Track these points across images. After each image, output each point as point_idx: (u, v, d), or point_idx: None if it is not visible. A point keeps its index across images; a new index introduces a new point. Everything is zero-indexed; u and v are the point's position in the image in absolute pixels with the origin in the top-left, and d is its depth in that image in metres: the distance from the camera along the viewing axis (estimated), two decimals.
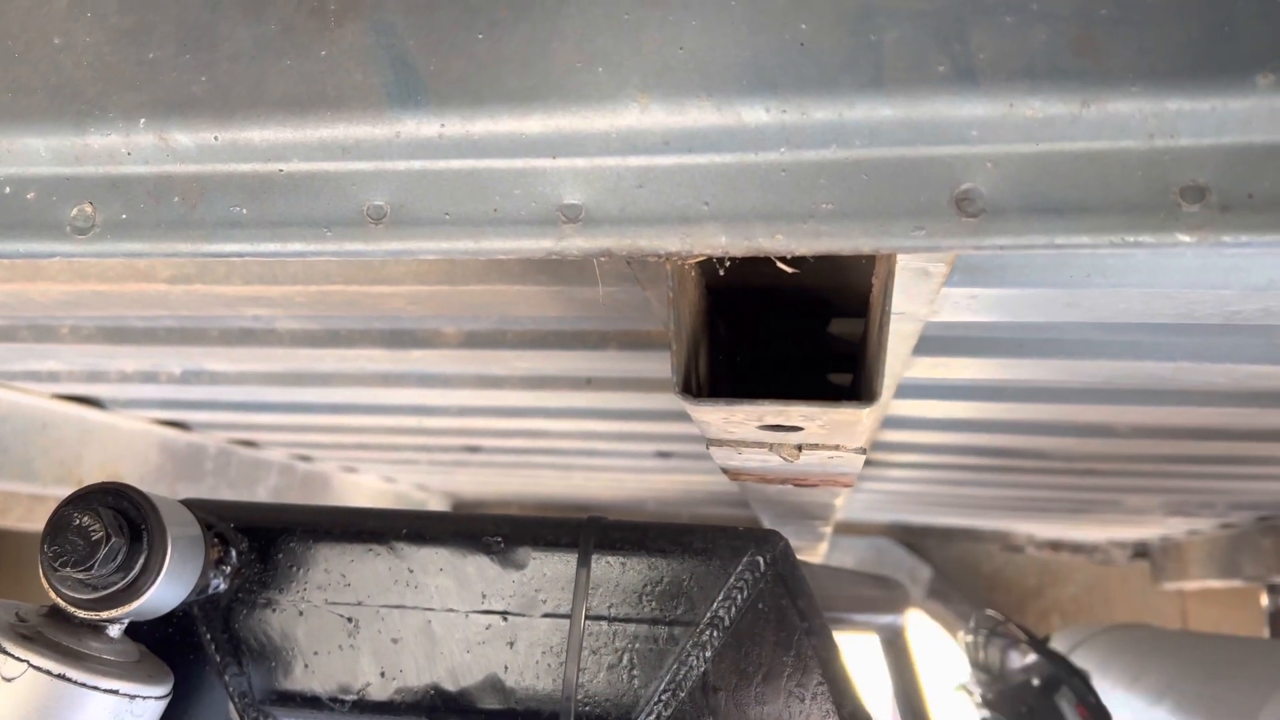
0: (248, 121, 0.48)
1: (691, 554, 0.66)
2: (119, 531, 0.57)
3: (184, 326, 0.96)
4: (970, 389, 1.00)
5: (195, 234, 0.49)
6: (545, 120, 0.45)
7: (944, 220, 0.43)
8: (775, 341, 0.74)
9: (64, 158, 0.50)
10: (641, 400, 1.15)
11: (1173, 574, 2.65)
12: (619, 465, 1.82)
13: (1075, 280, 0.61)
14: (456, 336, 0.92)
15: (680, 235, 0.45)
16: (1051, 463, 1.40)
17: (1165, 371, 0.83)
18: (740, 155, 0.44)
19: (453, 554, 0.67)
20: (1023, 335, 0.80)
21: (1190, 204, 0.41)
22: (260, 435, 1.74)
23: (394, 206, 0.47)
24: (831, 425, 0.51)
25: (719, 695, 0.63)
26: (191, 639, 0.68)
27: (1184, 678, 1.47)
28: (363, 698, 0.66)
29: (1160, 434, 1.14)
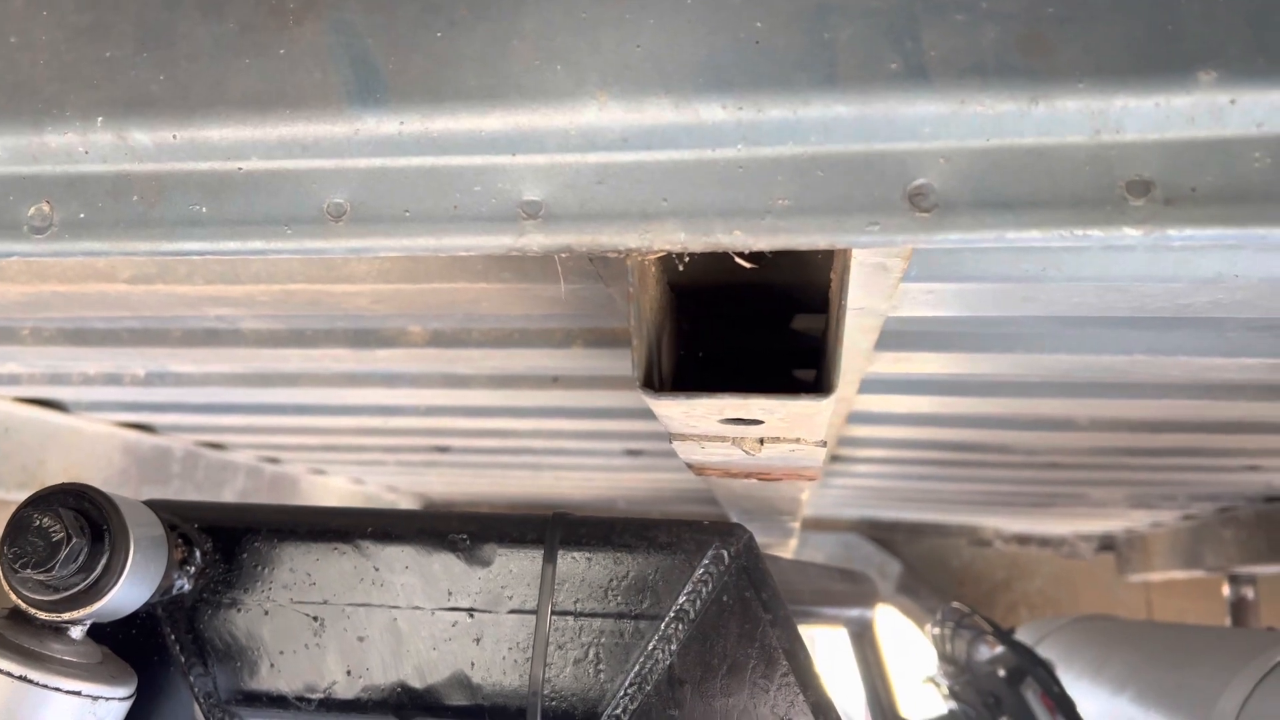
0: (207, 120, 0.48)
1: (656, 548, 0.66)
2: (80, 532, 0.56)
3: (147, 327, 0.95)
4: (933, 383, 1.02)
5: (154, 233, 0.49)
6: (505, 117, 0.45)
7: (897, 215, 0.44)
8: (739, 338, 0.74)
9: (21, 156, 0.50)
10: (609, 398, 1.16)
11: (1137, 566, 2.70)
12: (588, 464, 1.82)
13: (1030, 274, 0.62)
14: (422, 335, 0.92)
15: (640, 231, 0.45)
16: (1015, 456, 1.42)
17: (1122, 364, 0.84)
18: (698, 152, 0.45)
19: (418, 552, 0.68)
20: (982, 330, 0.81)
21: (1136, 198, 0.42)
22: (227, 437, 1.72)
23: (354, 204, 0.48)
24: (791, 418, 0.51)
25: (685, 688, 0.64)
26: (156, 640, 0.67)
27: (1147, 667, 1.49)
28: (329, 696, 0.66)
29: (1119, 427, 1.16)
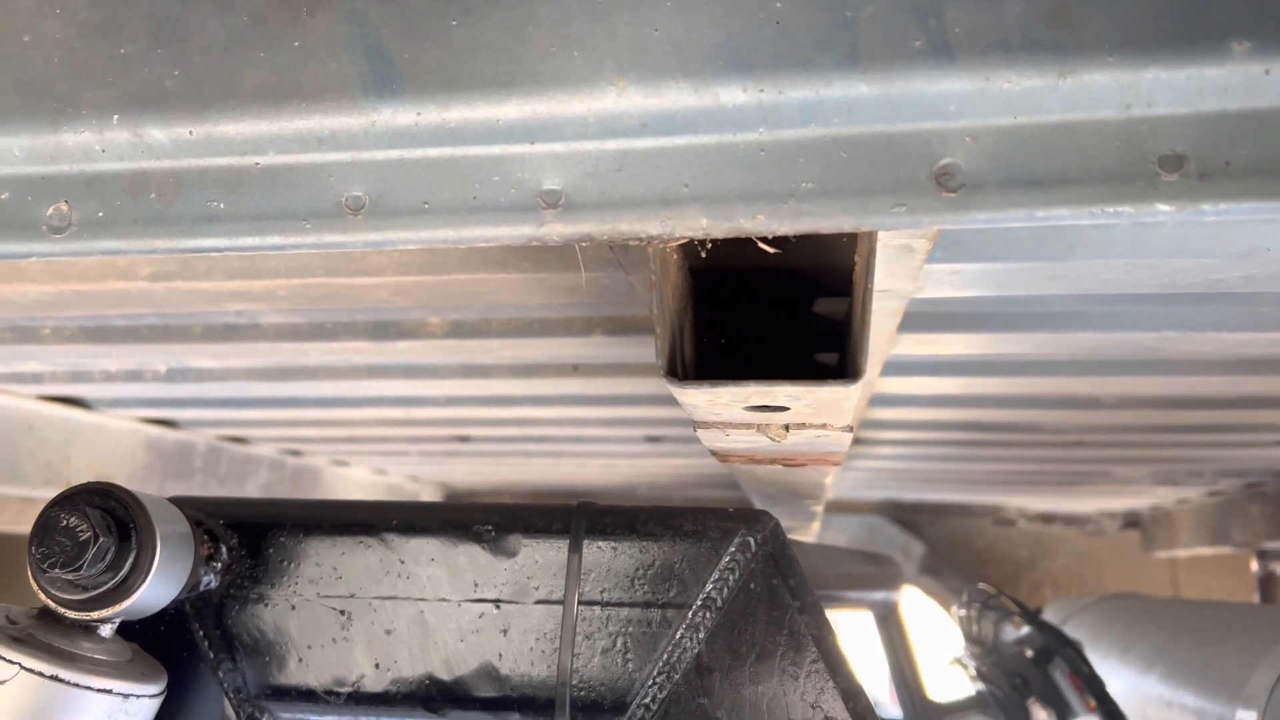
0: (222, 115, 0.47)
1: (682, 536, 0.66)
2: (107, 531, 0.56)
3: (167, 324, 0.96)
4: (957, 364, 1.01)
5: (173, 230, 0.49)
6: (522, 106, 0.45)
7: (924, 196, 0.43)
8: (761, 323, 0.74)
9: (38, 157, 0.50)
10: (629, 385, 1.15)
11: (1163, 543, 2.67)
12: (610, 451, 1.82)
13: (1058, 253, 0.61)
14: (441, 326, 0.92)
15: (661, 218, 0.45)
16: (1040, 436, 1.41)
17: (1150, 341, 0.83)
18: (719, 136, 0.44)
19: (443, 544, 0.67)
20: (1008, 309, 0.80)
21: (1169, 173, 0.41)
22: (249, 431, 1.73)
23: (372, 197, 0.47)
24: (817, 404, 0.51)
25: (713, 676, 0.64)
26: (185, 636, 0.68)
27: (1175, 645, 1.48)
28: (358, 690, 0.66)
29: (1147, 404, 1.15)
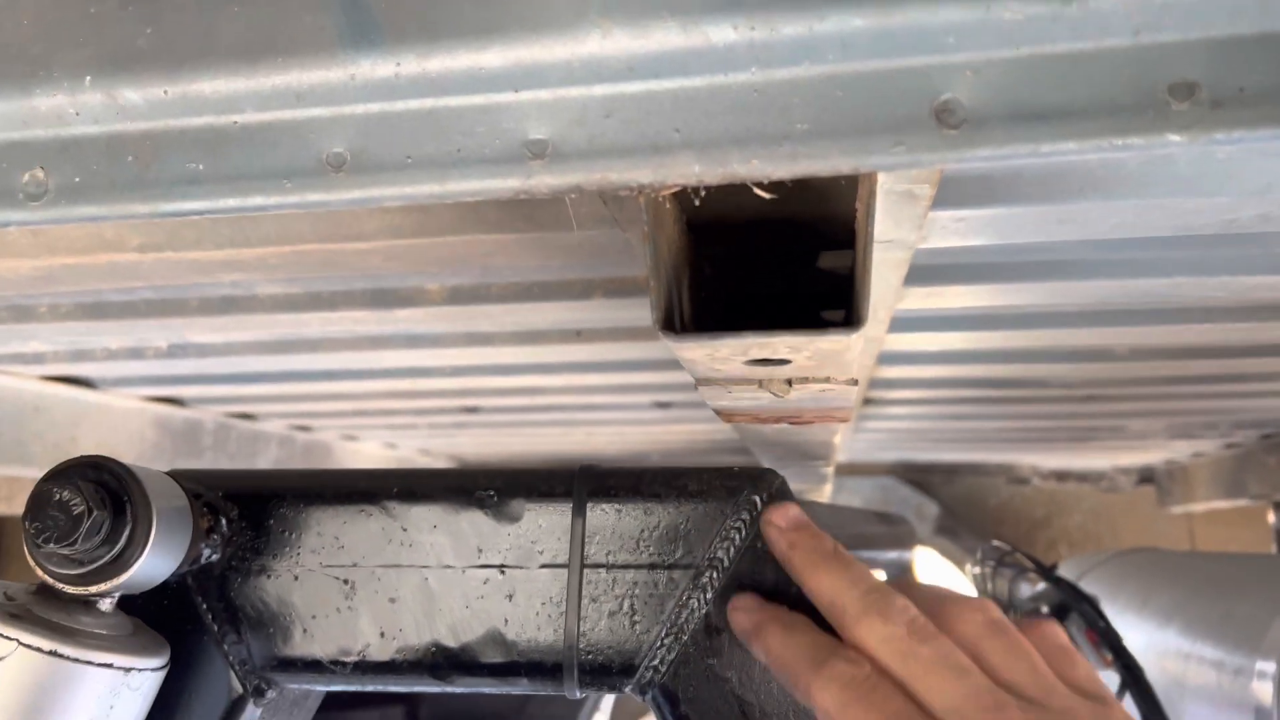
0: (197, 73, 0.46)
1: (687, 497, 0.65)
2: (100, 505, 0.56)
3: (163, 298, 0.95)
4: (965, 318, 0.99)
5: (152, 194, 0.47)
6: (504, 52, 0.43)
7: (924, 134, 0.41)
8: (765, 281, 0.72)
9: (11, 122, 0.48)
10: (634, 350, 1.14)
11: (1179, 497, 2.66)
12: (619, 418, 1.81)
13: (1066, 195, 0.59)
14: (440, 293, 0.91)
15: (652, 166, 0.43)
16: (1052, 390, 1.39)
17: (1162, 288, 0.81)
18: (710, 78, 0.42)
19: (446, 510, 0.67)
20: (1016, 258, 0.78)
21: (1180, 102, 0.39)
22: (256, 407, 1.73)
23: (354, 153, 0.46)
24: (819, 355, 0.49)
25: (722, 636, 0.63)
26: (188, 610, 0.67)
27: (1193, 598, 1.47)
28: (364, 659, 0.66)
29: (1160, 354, 1.13)
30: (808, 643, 0.56)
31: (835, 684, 0.52)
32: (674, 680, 0.63)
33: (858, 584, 0.56)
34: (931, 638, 0.53)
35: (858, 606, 0.55)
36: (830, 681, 0.52)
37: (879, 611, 0.54)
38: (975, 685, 0.51)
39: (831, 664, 0.53)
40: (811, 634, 0.57)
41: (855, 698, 0.51)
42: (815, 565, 0.58)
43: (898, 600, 0.55)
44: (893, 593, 0.56)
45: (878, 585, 0.56)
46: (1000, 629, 0.55)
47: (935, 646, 0.52)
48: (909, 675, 0.52)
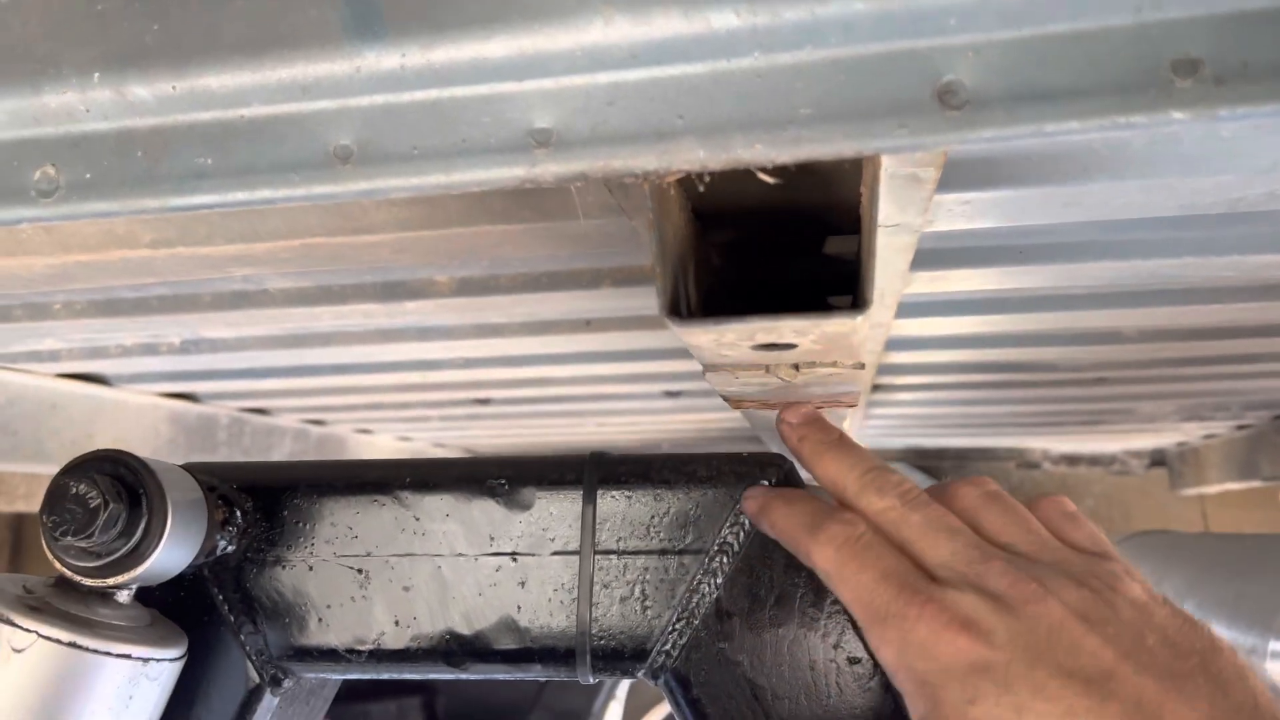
0: (204, 68, 0.46)
1: (696, 483, 0.65)
2: (117, 497, 0.56)
3: (175, 294, 0.95)
4: (973, 302, 0.99)
5: (161, 188, 0.48)
6: (508, 42, 0.43)
7: (927, 116, 0.41)
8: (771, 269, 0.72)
9: (22, 120, 0.49)
10: (643, 339, 1.15)
11: (1191, 480, 2.65)
12: (629, 408, 1.82)
13: (1071, 177, 0.59)
14: (449, 285, 0.91)
15: (656, 152, 0.43)
16: (1060, 374, 1.39)
17: (1170, 269, 0.81)
18: (712, 64, 0.43)
19: (457, 499, 0.67)
20: (1022, 241, 0.78)
21: (1183, 79, 0.39)
22: (269, 402, 1.74)
23: (361, 144, 0.46)
24: (825, 339, 0.50)
25: (733, 620, 0.63)
26: (204, 601, 0.68)
27: (1206, 578, 1.47)
28: (379, 647, 0.67)
29: (1169, 336, 1.13)
30: (807, 510, 0.59)
31: (831, 544, 0.55)
32: (686, 664, 0.63)
33: (858, 465, 0.59)
34: (924, 505, 0.56)
35: (857, 485, 0.58)
36: (827, 542, 0.55)
37: (876, 487, 0.57)
38: (965, 541, 0.54)
39: (827, 526, 0.56)
40: (811, 503, 0.59)
41: (850, 555, 0.54)
42: (821, 453, 0.61)
43: (893, 476, 0.58)
44: (889, 470, 0.59)
45: (877, 465, 0.59)
46: (996, 498, 0.59)
47: (927, 513, 0.55)
48: (905, 539, 0.55)
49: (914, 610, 0.50)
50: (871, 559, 0.53)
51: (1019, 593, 0.50)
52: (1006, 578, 0.51)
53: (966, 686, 0.48)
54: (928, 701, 0.50)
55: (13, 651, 0.54)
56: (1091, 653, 0.48)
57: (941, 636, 0.49)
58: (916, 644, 0.50)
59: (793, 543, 0.59)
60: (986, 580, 0.51)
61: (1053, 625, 0.49)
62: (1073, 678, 0.47)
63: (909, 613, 0.51)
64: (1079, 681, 0.47)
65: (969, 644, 0.49)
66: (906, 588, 0.52)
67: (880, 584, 0.52)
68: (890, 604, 0.51)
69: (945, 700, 0.49)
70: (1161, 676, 0.47)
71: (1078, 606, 0.50)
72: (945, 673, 0.49)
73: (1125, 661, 0.48)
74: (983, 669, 0.48)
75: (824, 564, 0.55)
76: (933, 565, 0.53)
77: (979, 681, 0.48)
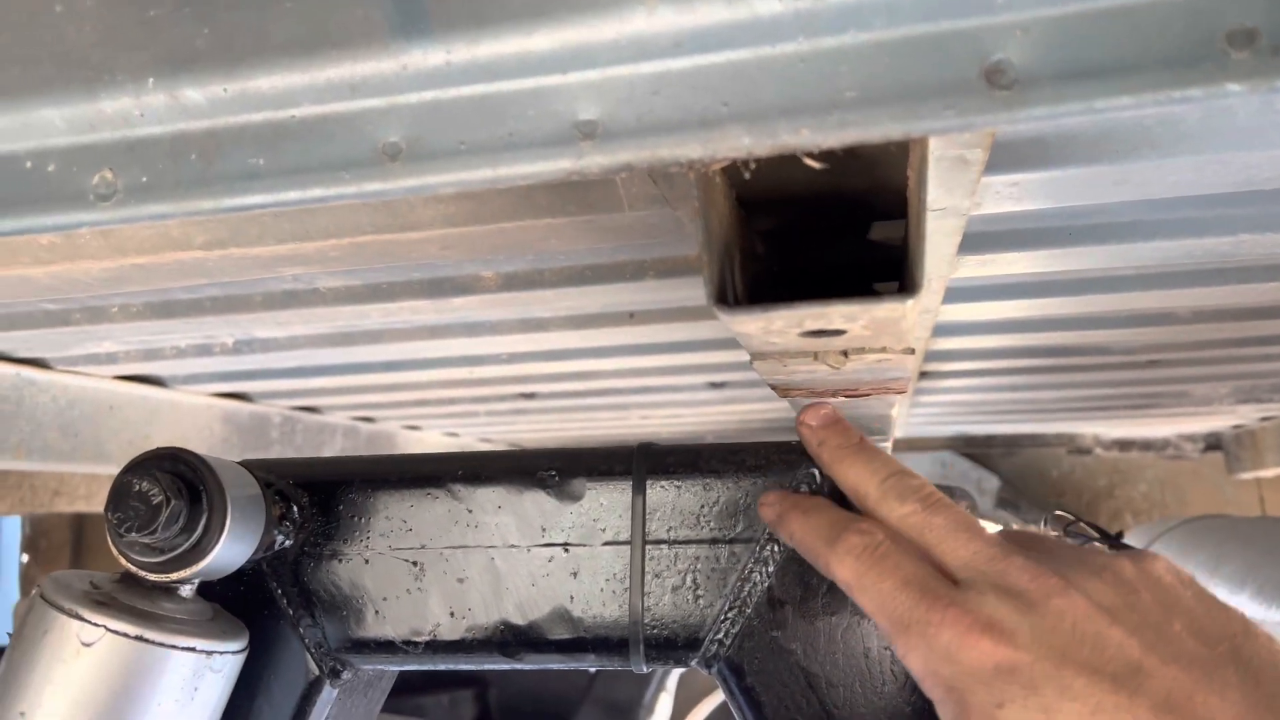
0: (254, 70, 0.47)
1: (745, 471, 0.65)
2: (178, 494, 0.58)
3: (228, 294, 0.97)
4: (1022, 286, 0.98)
5: (215, 189, 0.49)
6: (552, 35, 0.44)
7: (974, 96, 0.41)
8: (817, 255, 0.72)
9: (79, 126, 0.50)
10: (687, 331, 1.15)
11: (1248, 463, 2.60)
12: (673, 400, 1.82)
13: (1121, 155, 0.58)
14: (495, 280, 0.92)
15: (701, 140, 0.43)
16: (1112, 357, 1.37)
17: (1225, 247, 0.80)
18: (756, 50, 0.43)
19: (509, 491, 0.68)
20: (1072, 222, 0.77)
21: (1239, 50, 0.38)
22: (320, 400, 1.76)
23: (409, 141, 0.47)
24: (874, 324, 0.49)
25: (786, 609, 0.63)
26: (263, 595, 0.69)
27: (1265, 563, 1.44)
28: (435, 638, 0.67)
29: (1224, 316, 1.11)
30: (824, 521, 0.58)
31: (850, 555, 0.55)
32: (739, 653, 0.63)
33: (879, 471, 0.59)
34: (946, 508, 0.56)
35: (878, 491, 0.58)
36: (845, 554, 0.55)
37: (896, 493, 0.57)
38: (985, 540, 0.54)
39: (845, 537, 0.56)
40: (828, 513, 0.59)
41: (870, 565, 0.54)
42: (841, 458, 0.61)
43: (914, 480, 0.58)
44: (910, 474, 0.58)
45: (898, 470, 0.59)
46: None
47: (948, 515, 0.55)
48: (927, 544, 0.54)
49: (936, 616, 0.50)
50: (891, 567, 0.53)
51: (1040, 587, 0.50)
52: (1027, 573, 0.51)
53: (993, 690, 0.48)
54: (956, 707, 0.49)
55: (82, 646, 0.56)
56: (1117, 646, 0.48)
57: (965, 641, 0.49)
58: (940, 650, 0.50)
59: (811, 554, 0.58)
60: (1008, 578, 0.51)
61: (1077, 620, 0.49)
62: (1100, 674, 0.47)
63: (931, 619, 0.50)
64: (1106, 678, 0.46)
65: (993, 647, 0.48)
66: (928, 594, 0.51)
67: (901, 592, 0.52)
68: (912, 611, 0.51)
69: (973, 705, 0.48)
70: (1190, 665, 0.47)
71: (1100, 597, 0.49)
72: (971, 677, 0.49)
73: (1152, 653, 0.47)
74: (1008, 671, 0.48)
75: (844, 575, 0.55)
76: (954, 568, 0.53)
77: (1005, 684, 0.48)
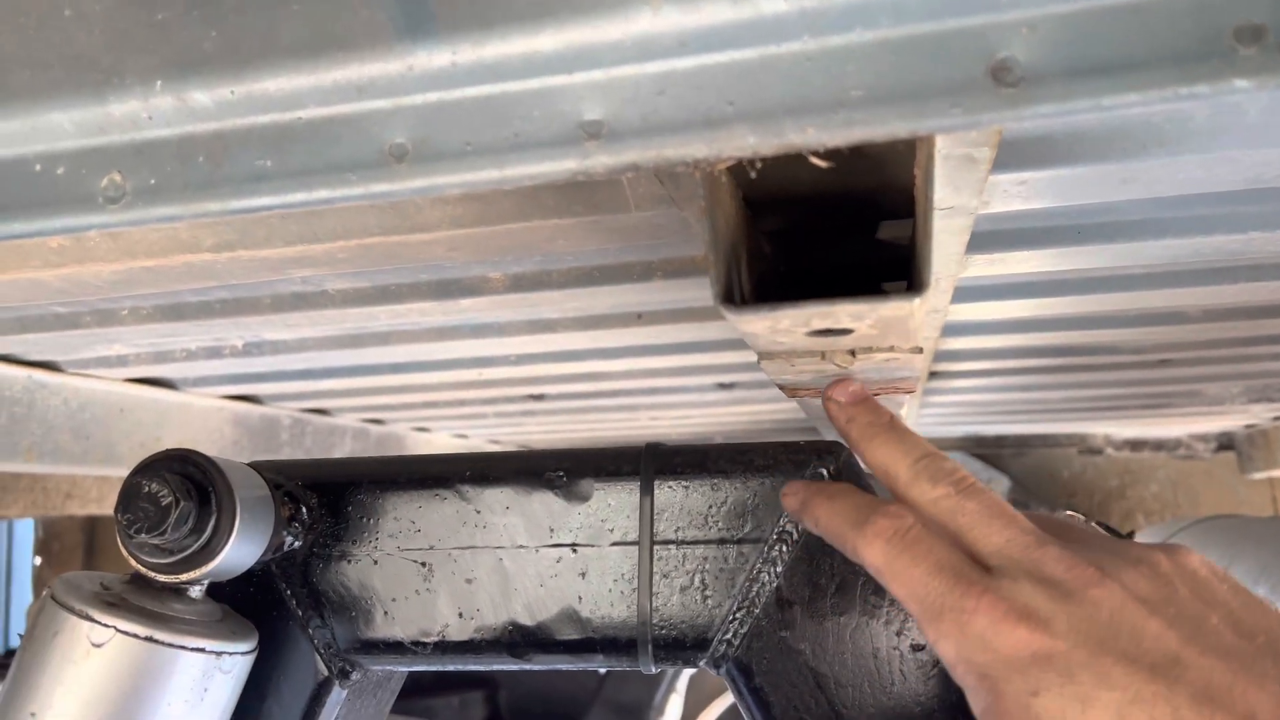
0: (261, 72, 0.47)
1: (754, 471, 0.65)
2: (187, 495, 0.58)
3: (237, 297, 0.97)
4: (1031, 285, 0.97)
5: (223, 192, 0.49)
6: (557, 35, 0.44)
7: (981, 94, 0.41)
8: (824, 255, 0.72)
9: (88, 129, 0.50)
10: (694, 331, 1.14)
11: (1260, 463, 2.58)
12: (682, 401, 1.82)
13: (1129, 153, 0.58)
14: (502, 281, 0.92)
15: (707, 140, 0.43)
16: (1123, 357, 1.36)
17: (1235, 245, 0.79)
18: (761, 49, 0.43)
19: (517, 491, 0.68)
20: (1080, 220, 0.77)
21: (1247, 46, 0.38)
22: (329, 402, 1.77)
23: (415, 143, 0.47)
24: (882, 323, 0.49)
25: (794, 609, 0.63)
26: (273, 596, 0.69)
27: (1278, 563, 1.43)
28: (443, 639, 0.68)
29: (1235, 314, 1.10)
30: (851, 505, 0.57)
31: (880, 539, 0.54)
32: (747, 653, 0.63)
33: (910, 452, 0.57)
34: (979, 493, 0.54)
35: (909, 473, 0.56)
36: (875, 537, 0.54)
37: (929, 475, 0.55)
38: (1020, 528, 0.52)
39: (874, 521, 0.54)
40: (855, 497, 0.58)
41: (901, 549, 0.53)
42: (871, 437, 0.59)
43: (947, 463, 0.56)
44: (942, 457, 0.57)
45: (929, 452, 0.57)
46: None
47: (981, 500, 0.54)
48: (959, 528, 0.53)
49: (970, 602, 0.49)
50: (923, 552, 0.52)
51: (1076, 577, 0.49)
52: (1063, 562, 0.50)
53: (1029, 678, 0.47)
54: (989, 694, 0.48)
55: (92, 646, 0.56)
56: (1155, 637, 0.47)
57: (1000, 628, 0.48)
58: (974, 636, 0.49)
59: (839, 540, 0.57)
60: (1043, 566, 0.50)
61: (1113, 610, 0.48)
62: (1138, 664, 0.46)
63: (965, 605, 0.49)
64: (1144, 668, 0.46)
65: (1029, 634, 0.48)
66: (962, 579, 0.50)
67: (934, 577, 0.51)
68: (945, 597, 0.50)
69: (1007, 693, 0.47)
70: (1229, 657, 0.46)
71: (1137, 589, 0.49)
72: (1006, 665, 0.48)
73: (1190, 645, 0.47)
74: (1044, 659, 0.47)
75: (874, 560, 0.54)
76: (987, 554, 0.52)
77: (1041, 672, 0.47)
